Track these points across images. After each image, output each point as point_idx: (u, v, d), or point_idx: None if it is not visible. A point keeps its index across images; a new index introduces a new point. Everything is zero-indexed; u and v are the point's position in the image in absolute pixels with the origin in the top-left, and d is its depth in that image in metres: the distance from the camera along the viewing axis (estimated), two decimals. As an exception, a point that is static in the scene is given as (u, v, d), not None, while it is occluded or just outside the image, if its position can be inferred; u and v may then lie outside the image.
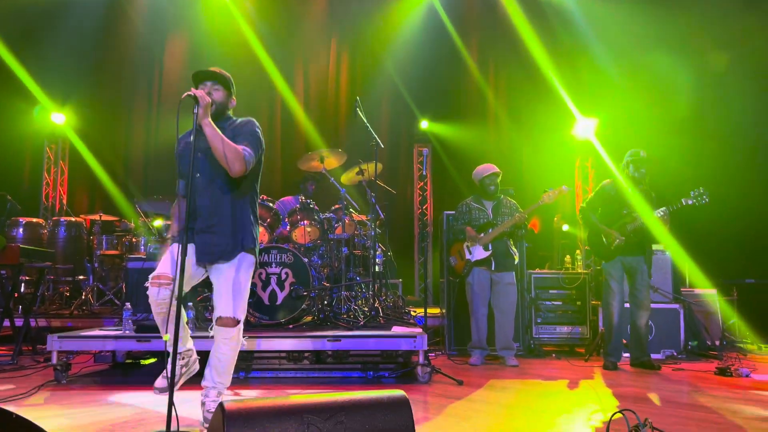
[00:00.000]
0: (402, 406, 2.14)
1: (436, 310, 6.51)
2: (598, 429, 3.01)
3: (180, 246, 2.70)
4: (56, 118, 9.35)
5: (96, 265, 7.22)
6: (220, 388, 3.09)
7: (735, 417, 3.31)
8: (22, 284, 6.89)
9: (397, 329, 4.60)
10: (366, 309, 5.44)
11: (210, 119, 2.89)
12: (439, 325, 6.15)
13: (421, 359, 4.29)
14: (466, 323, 5.47)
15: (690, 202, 4.81)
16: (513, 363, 5.13)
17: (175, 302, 2.70)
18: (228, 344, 3.04)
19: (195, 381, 3.13)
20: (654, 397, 3.85)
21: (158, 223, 7.03)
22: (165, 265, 2.97)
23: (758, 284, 6.51)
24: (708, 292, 6.21)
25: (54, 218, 7.91)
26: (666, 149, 7.22)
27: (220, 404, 2.02)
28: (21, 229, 7.38)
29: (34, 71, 8.95)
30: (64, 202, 9.84)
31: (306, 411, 2.02)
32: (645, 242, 5.08)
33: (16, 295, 5.78)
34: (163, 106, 9.78)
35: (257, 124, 3.16)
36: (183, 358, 3.09)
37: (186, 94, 2.83)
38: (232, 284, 3.04)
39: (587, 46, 8.49)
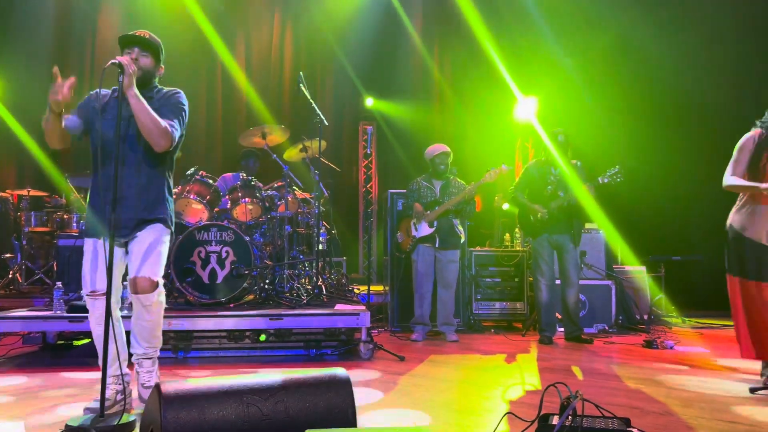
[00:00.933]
0: (343, 384, 2.15)
1: (379, 288, 6.56)
2: (532, 401, 3.13)
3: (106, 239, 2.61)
4: (-22, 87, 8.75)
5: (24, 242, 6.88)
6: (152, 353, 2.97)
7: (660, 387, 3.51)
8: (-58, 263, 6.51)
9: (340, 307, 4.62)
10: (309, 287, 5.42)
11: (136, 89, 2.73)
12: (383, 303, 6.20)
13: (363, 336, 4.33)
14: (410, 300, 5.54)
15: (606, 180, 4.98)
16: (453, 338, 5.25)
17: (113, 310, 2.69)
18: (150, 310, 2.88)
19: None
20: (586, 370, 4.03)
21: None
22: (94, 277, 2.83)
23: (683, 261, 6.88)
24: (637, 269, 6.51)
25: (-23, 193, 7.46)
26: (601, 128, 7.47)
27: (157, 386, 1.97)
28: (-60, 205, 6.94)
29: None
30: (-12, 176, 9.28)
31: (246, 392, 2.01)
32: (571, 220, 5.26)
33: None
34: (96, 76, 9.30)
35: (184, 96, 3.03)
36: (119, 383, 2.87)
37: (111, 61, 2.67)
38: (147, 246, 2.89)
39: (528, 23, 8.60)
